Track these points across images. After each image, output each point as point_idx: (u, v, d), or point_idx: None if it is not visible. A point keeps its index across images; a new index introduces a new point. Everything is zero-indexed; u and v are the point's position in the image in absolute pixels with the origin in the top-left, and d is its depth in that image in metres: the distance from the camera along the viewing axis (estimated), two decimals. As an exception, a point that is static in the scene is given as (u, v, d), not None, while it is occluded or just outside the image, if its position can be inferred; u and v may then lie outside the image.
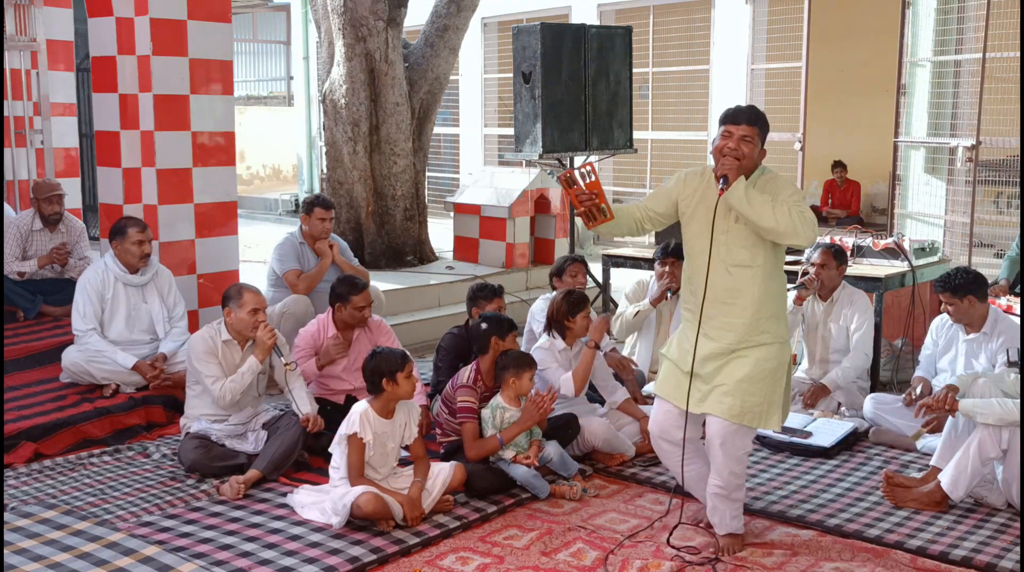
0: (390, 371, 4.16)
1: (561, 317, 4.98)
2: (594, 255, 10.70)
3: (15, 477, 4.67)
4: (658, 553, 3.89)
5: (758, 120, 3.73)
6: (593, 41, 7.60)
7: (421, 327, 7.62)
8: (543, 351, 4.97)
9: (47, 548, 3.81)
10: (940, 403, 4.28)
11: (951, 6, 8.67)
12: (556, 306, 5.01)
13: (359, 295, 5.20)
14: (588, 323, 5.00)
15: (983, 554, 3.84)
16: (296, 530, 4.06)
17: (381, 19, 8.89)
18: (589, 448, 4.91)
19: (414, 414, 4.35)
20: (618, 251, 7.79)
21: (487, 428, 4.57)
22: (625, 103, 7.88)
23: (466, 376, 4.67)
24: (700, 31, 11.64)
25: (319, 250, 6.27)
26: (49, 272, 6.63)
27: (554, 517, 4.26)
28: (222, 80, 6.49)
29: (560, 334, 4.99)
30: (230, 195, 6.66)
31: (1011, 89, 7.94)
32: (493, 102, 14.33)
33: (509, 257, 9.12)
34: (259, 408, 4.99)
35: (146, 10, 6.05)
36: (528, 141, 7.42)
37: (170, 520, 4.17)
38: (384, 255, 9.20)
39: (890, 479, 4.42)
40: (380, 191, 9.21)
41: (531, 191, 9.16)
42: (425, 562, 3.84)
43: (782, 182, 3.76)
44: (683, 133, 12.02)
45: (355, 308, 5.19)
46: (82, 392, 5.49)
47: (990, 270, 7.34)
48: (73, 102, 8.10)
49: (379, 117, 9.09)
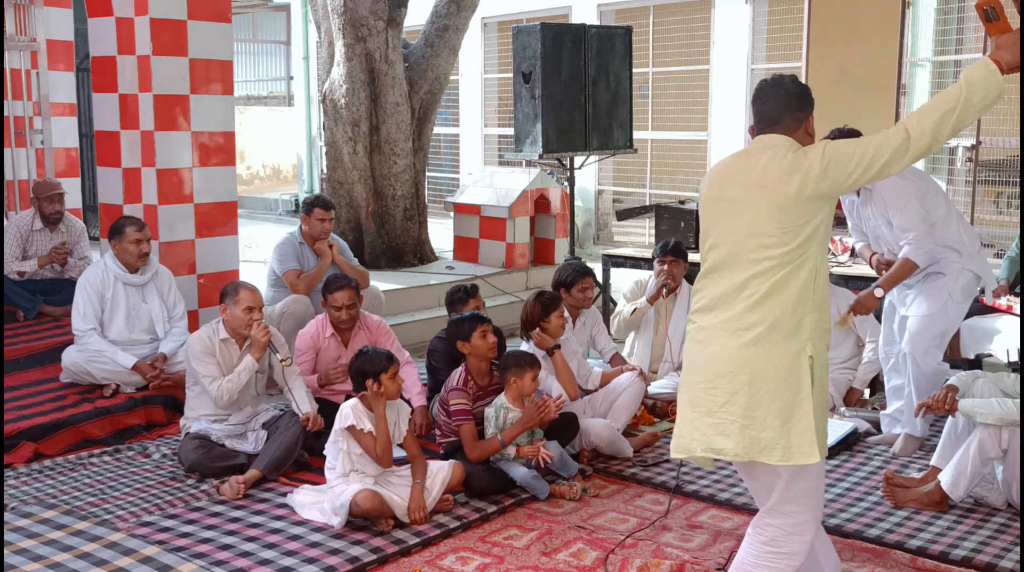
0: (374, 372, 4.16)
1: (536, 319, 5.04)
2: (594, 255, 10.71)
3: (15, 477, 4.67)
4: (658, 553, 3.89)
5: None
6: (593, 41, 7.60)
7: (421, 327, 7.62)
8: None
9: (47, 548, 3.81)
10: (940, 403, 4.28)
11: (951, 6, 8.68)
12: (530, 309, 5.07)
13: (334, 294, 5.17)
14: (562, 322, 5.07)
15: (983, 554, 3.84)
16: (296, 530, 4.06)
17: (381, 19, 8.89)
18: (591, 448, 4.92)
19: (403, 414, 4.35)
20: (618, 251, 7.80)
21: (489, 428, 4.58)
22: (625, 103, 7.89)
23: (456, 379, 4.69)
24: (700, 31, 11.63)
25: (319, 250, 6.27)
26: (49, 272, 6.63)
27: (554, 517, 4.26)
28: (222, 80, 6.50)
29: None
30: (230, 195, 6.66)
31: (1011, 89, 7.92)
32: (493, 102, 14.33)
33: (509, 257, 9.12)
34: (259, 408, 4.99)
35: (146, 10, 6.05)
36: (528, 141, 7.43)
37: (170, 520, 4.17)
38: (384, 255, 9.20)
39: (890, 479, 4.41)
40: (380, 191, 9.21)
41: (531, 191, 9.16)
42: (425, 562, 3.84)
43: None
44: (683, 133, 12.02)
45: (332, 307, 5.19)
46: (82, 392, 5.49)
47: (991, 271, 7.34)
48: (73, 102, 8.10)
49: (379, 117, 9.09)
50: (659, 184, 12.29)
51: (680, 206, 7.48)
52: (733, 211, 3.03)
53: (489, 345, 4.67)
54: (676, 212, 7.40)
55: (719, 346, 2.98)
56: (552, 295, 5.13)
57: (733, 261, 3.00)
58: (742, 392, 2.92)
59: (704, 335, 3.04)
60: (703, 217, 3.17)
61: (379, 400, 4.18)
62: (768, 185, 2.95)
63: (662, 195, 11.70)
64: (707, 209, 3.14)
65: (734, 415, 2.93)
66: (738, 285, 2.98)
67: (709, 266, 3.09)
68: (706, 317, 3.05)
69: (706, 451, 2.99)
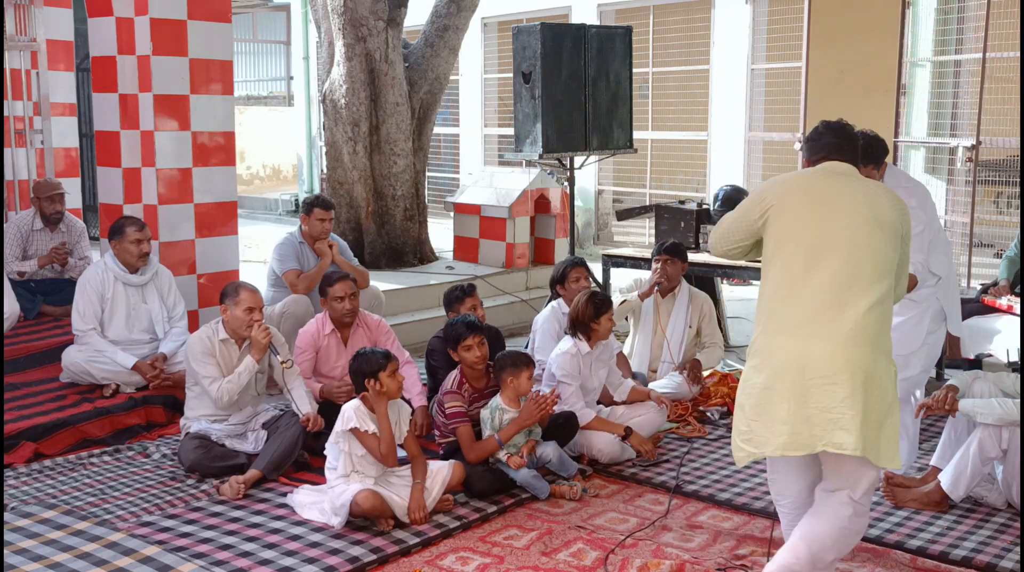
0: (372, 371, 4.16)
1: (587, 319, 4.92)
2: (594, 255, 10.71)
3: (15, 477, 4.67)
4: (658, 553, 3.89)
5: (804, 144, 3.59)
6: (593, 41, 7.60)
7: (421, 327, 7.61)
8: (568, 357, 4.92)
9: (47, 548, 3.81)
10: (940, 403, 4.28)
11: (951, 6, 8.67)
12: (581, 308, 4.94)
13: (333, 286, 5.21)
14: (612, 325, 4.99)
15: (983, 554, 3.84)
16: (296, 530, 4.06)
17: (381, 19, 8.89)
18: (591, 458, 4.92)
19: (404, 414, 4.35)
20: (618, 251, 7.79)
21: (485, 429, 4.58)
22: (625, 103, 7.88)
23: (451, 382, 4.69)
24: (700, 31, 11.63)
25: (319, 250, 6.27)
26: (49, 272, 6.63)
27: (554, 517, 4.26)
28: (222, 80, 6.49)
29: (585, 336, 4.96)
30: (230, 195, 6.66)
31: (1011, 89, 7.93)
32: (493, 102, 14.33)
33: (509, 257, 9.11)
34: (259, 408, 4.99)
35: (146, 10, 6.05)
36: (528, 141, 7.42)
37: (170, 520, 4.17)
38: (384, 255, 9.20)
39: (890, 479, 4.42)
40: (380, 191, 9.21)
41: (531, 191, 9.16)
42: (425, 562, 3.84)
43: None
44: (683, 133, 12.02)
45: (333, 299, 5.19)
46: (82, 392, 5.49)
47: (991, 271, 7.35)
48: (73, 102, 8.09)
49: (379, 117, 9.09)
50: (659, 184, 12.29)
51: (680, 206, 7.48)
52: (854, 228, 3.19)
53: (475, 357, 4.66)
54: (676, 212, 7.40)
55: (833, 346, 3.09)
56: (604, 297, 5.03)
57: (850, 271, 3.14)
58: (859, 390, 3.05)
59: (806, 332, 3.13)
60: (795, 219, 3.26)
61: (380, 399, 4.18)
62: (883, 218, 3.22)
63: (662, 195, 11.70)
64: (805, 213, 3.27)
65: (855, 410, 3.04)
66: (854, 296, 3.12)
67: (815, 273, 3.17)
68: (814, 319, 3.14)
69: (826, 445, 3.08)
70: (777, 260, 3.27)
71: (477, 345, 4.66)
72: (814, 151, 3.43)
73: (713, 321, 6.17)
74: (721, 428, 5.49)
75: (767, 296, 3.29)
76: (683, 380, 5.82)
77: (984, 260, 8.25)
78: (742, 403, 3.26)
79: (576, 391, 4.92)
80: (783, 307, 3.21)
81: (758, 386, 3.19)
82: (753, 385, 3.21)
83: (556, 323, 5.74)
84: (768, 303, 3.28)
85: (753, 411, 3.20)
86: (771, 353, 3.19)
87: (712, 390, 5.96)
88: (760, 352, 3.23)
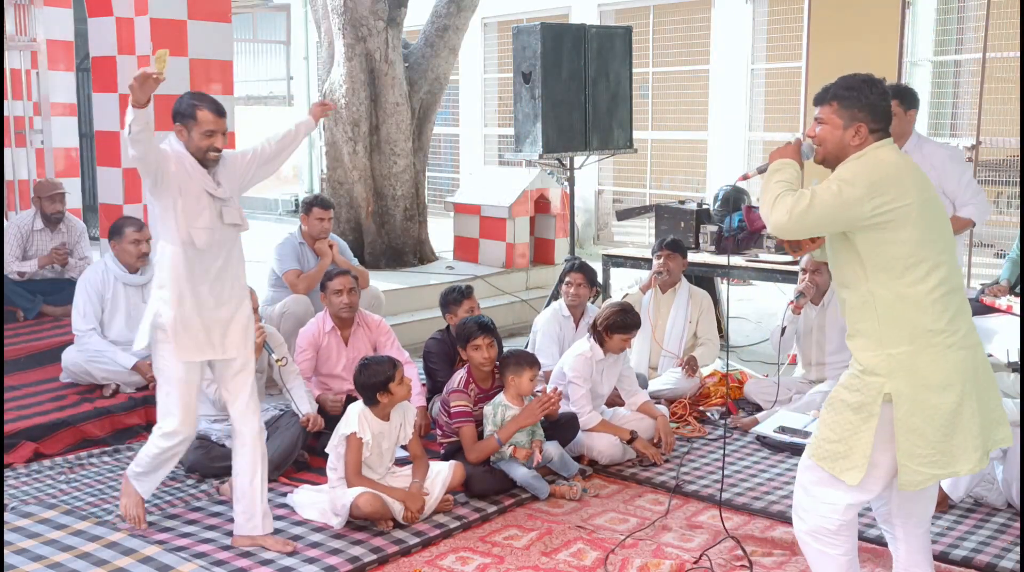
0: (382, 382, 4.16)
1: (602, 328, 4.92)
2: (594, 255, 10.70)
3: (15, 477, 4.67)
4: (658, 553, 3.89)
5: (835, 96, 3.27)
6: (593, 41, 7.59)
7: (421, 327, 7.61)
8: (583, 360, 4.93)
9: (47, 548, 3.81)
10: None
11: (951, 6, 8.68)
12: (606, 318, 4.93)
13: (332, 281, 5.23)
14: (624, 346, 4.99)
15: (983, 554, 3.84)
16: (296, 530, 4.06)
17: (381, 19, 8.89)
18: (591, 459, 4.91)
19: (409, 415, 4.35)
20: (618, 251, 7.80)
21: (488, 425, 4.58)
22: (625, 103, 7.88)
23: (458, 381, 4.69)
24: (700, 31, 11.64)
25: (319, 250, 6.27)
26: (49, 272, 6.63)
27: (554, 517, 4.26)
28: (222, 80, 6.50)
29: (599, 342, 4.96)
30: (230, 195, 6.64)
31: (1011, 89, 7.94)
32: (493, 102, 14.33)
33: (509, 257, 9.11)
34: (259, 408, 4.97)
35: (146, 10, 6.06)
36: (528, 141, 7.41)
37: (170, 520, 4.17)
38: (384, 255, 9.20)
39: (890, 479, 4.40)
40: (380, 191, 9.21)
41: (531, 191, 9.16)
42: (425, 562, 3.84)
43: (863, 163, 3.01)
44: (683, 133, 12.02)
45: (332, 293, 5.20)
46: (82, 392, 5.49)
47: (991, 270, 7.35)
48: (73, 102, 8.10)
49: (379, 117, 9.09)
50: (659, 184, 12.30)
51: (680, 206, 7.49)
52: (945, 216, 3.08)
53: (483, 358, 4.66)
54: (676, 212, 7.41)
55: (982, 348, 3.04)
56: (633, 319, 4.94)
57: (956, 271, 3.03)
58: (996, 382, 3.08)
59: (969, 340, 2.98)
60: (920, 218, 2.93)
61: (392, 405, 4.21)
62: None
63: (662, 195, 11.70)
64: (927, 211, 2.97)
65: (999, 400, 3.07)
66: (964, 296, 3.05)
67: (955, 275, 2.99)
68: (970, 324, 3.00)
69: (992, 445, 3.04)
70: (919, 268, 2.90)
71: (486, 346, 4.67)
72: (882, 119, 3.11)
73: (710, 319, 6.19)
74: (721, 428, 5.49)
75: (912, 304, 2.90)
76: (682, 374, 5.84)
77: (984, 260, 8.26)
78: (919, 428, 2.88)
79: (586, 394, 4.92)
80: (945, 316, 2.90)
81: (944, 408, 2.89)
82: (936, 407, 2.88)
83: (557, 325, 5.75)
84: (914, 313, 2.90)
85: (940, 432, 2.89)
86: (949, 371, 2.90)
87: (712, 390, 5.97)
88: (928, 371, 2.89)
